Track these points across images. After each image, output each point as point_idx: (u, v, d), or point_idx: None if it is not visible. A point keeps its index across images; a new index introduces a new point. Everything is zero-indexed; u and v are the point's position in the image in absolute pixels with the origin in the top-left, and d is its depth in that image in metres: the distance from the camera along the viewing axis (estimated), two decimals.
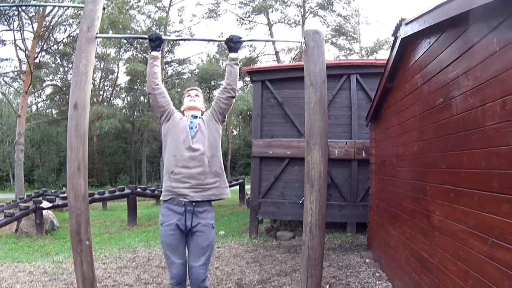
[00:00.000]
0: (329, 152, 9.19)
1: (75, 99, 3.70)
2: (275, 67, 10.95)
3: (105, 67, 40.46)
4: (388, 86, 6.10)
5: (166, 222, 3.78)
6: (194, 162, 3.70)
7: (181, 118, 3.91)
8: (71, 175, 3.84)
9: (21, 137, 23.52)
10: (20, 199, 16.94)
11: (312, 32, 3.72)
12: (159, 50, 3.88)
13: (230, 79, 3.87)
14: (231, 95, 3.90)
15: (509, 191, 2.54)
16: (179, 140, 3.76)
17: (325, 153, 3.61)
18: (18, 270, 6.63)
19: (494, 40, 2.76)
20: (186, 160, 3.69)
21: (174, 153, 3.75)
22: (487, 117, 2.85)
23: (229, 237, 9.93)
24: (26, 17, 24.45)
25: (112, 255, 7.87)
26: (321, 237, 3.57)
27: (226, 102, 3.91)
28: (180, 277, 3.78)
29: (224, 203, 19.59)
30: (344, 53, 35.81)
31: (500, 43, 2.66)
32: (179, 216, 3.72)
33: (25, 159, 27.67)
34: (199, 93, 4.12)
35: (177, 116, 3.92)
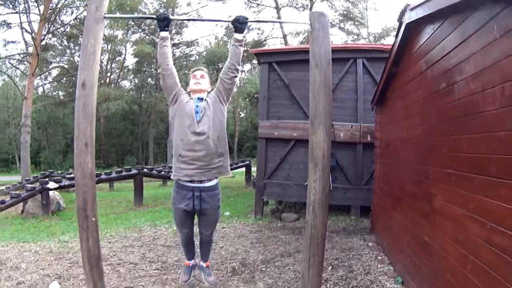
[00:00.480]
0: (335, 135, 9.24)
1: (83, 78, 3.76)
2: (282, 49, 10.95)
3: (113, 49, 40.46)
4: (393, 71, 6.10)
5: (176, 204, 4.29)
6: (200, 145, 3.93)
7: (188, 101, 4.03)
8: (78, 152, 3.92)
9: (28, 119, 23.61)
10: (27, 181, 17.04)
11: (317, 14, 3.75)
12: (168, 30, 3.94)
13: (234, 59, 3.95)
14: (235, 75, 3.99)
15: (506, 176, 2.58)
16: (185, 125, 3.95)
17: (329, 133, 3.65)
18: (23, 250, 6.74)
19: (494, 28, 2.78)
20: (192, 144, 3.93)
21: (181, 137, 3.96)
22: (487, 103, 2.88)
23: (234, 217, 10.02)
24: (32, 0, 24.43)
25: (118, 235, 7.99)
26: (324, 216, 3.63)
27: (230, 82, 4.01)
28: (187, 239, 4.74)
29: (231, 184, 19.77)
30: (352, 38, 35.58)
31: (500, 30, 2.69)
32: (188, 201, 4.18)
33: (31, 141, 27.84)
34: (204, 74, 4.18)
35: (184, 99, 4.04)
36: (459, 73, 3.45)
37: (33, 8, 24.70)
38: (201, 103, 4.02)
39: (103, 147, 39.65)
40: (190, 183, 4.10)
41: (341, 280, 5.23)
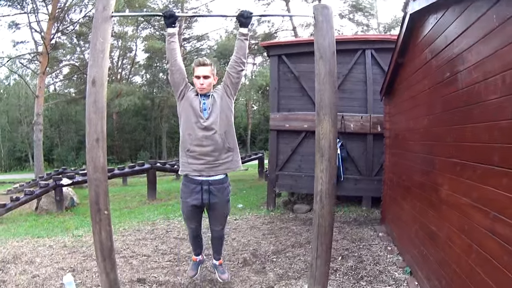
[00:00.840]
0: (345, 126, 9.28)
1: (93, 75, 3.85)
2: (292, 42, 10.95)
3: (123, 45, 40.64)
4: (399, 61, 6.12)
5: (184, 198, 4.27)
6: (208, 141, 3.98)
7: (195, 97, 4.08)
8: (90, 147, 4.02)
9: (40, 117, 23.86)
10: (40, 178, 17.28)
11: (321, 7, 3.80)
12: (174, 26, 4.00)
13: (240, 53, 4.00)
14: (241, 68, 4.04)
15: (508, 165, 2.59)
16: (192, 120, 4.01)
17: (334, 123, 3.71)
18: (38, 245, 6.91)
19: (493, 16, 2.79)
20: (200, 139, 3.98)
21: (189, 131, 4.02)
22: (489, 92, 2.90)
23: (247, 209, 10.15)
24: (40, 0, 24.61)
25: (131, 228, 8.14)
26: (330, 206, 3.69)
27: (237, 76, 4.06)
28: (194, 234, 4.74)
29: (244, 177, 19.90)
30: (362, 29, 35.38)
31: (499, 18, 2.70)
32: (196, 195, 4.19)
33: (44, 139, 28.17)
34: (207, 72, 4.11)
35: (191, 95, 4.10)
36: (461, 62, 3.47)
37: (41, 8, 24.90)
38: (208, 100, 4.08)
39: (116, 143, 39.95)
40: (198, 177, 4.13)
41: (350, 270, 5.30)
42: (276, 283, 4.97)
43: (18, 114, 39.83)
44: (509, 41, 2.57)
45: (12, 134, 40.08)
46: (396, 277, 5.00)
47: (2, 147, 39.51)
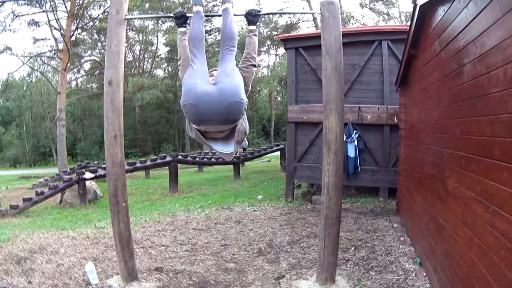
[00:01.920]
0: (362, 117, 9.32)
1: (109, 76, 4.05)
2: (308, 34, 10.97)
3: (144, 39, 40.98)
4: (412, 53, 6.14)
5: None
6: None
7: None
8: (108, 144, 4.23)
9: (62, 113, 24.33)
10: (64, 172, 17.74)
11: (327, 3, 3.88)
12: (185, 26, 4.13)
13: (249, 49, 4.08)
14: (252, 64, 4.10)
15: (508, 159, 2.60)
16: None
17: (341, 117, 3.81)
18: (62, 236, 7.20)
19: (497, 7, 2.77)
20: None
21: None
22: (492, 85, 2.90)
23: (266, 201, 10.28)
24: None
25: (151, 220, 8.36)
26: (337, 198, 3.80)
27: (248, 70, 4.13)
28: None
29: (266, 168, 20.08)
30: (383, 18, 34.93)
31: (502, 9, 2.67)
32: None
33: (67, 134, 28.76)
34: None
35: None
36: (466, 55, 3.48)
37: (59, 5, 25.22)
38: None
39: (139, 136, 40.44)
40: None
41: (361, 261, 5.40)
42: (288, 272, 5.11)
43: (41, 110, 40.77)
44: (510, 33, 2.56)
45: (36, 129, 41.10)
46: (406, 268, 5.08)
47: (27, 143, 40.56)
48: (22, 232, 7.52)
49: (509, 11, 2.55)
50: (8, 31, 25.60)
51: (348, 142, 9.19)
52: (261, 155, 21.01)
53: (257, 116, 46.34)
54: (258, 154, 20.38)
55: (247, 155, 18.96)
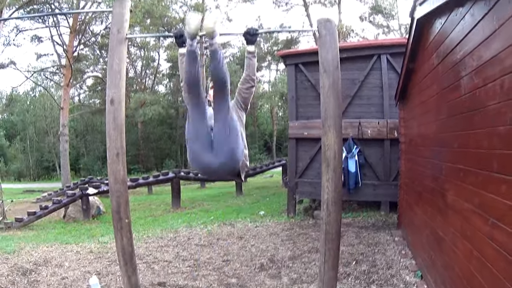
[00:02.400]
0: (362, 132, 9.37)
1: (111, 95, 4.11)
2: (307, 51, 11.09)
3: (146, 55, 41.23)
4: (410, 67, 6.22)
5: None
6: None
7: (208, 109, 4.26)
8: (111, 161, 4.27)
9: (65, 128, 24.30)
10: (67, 187, 17.76)
11: (324, 20, 3.93)
12: (185, 46, 4.21)
13: (249, 70, 4.15)
14: (251, 85, 4.19)
15: (506, 171, 2.61)
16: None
17: (339, 134, 3.84)
18: (66, 250, 7.26)
19: (493, 18, 2.79)
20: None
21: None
22: (489, 97, 2.92)
23: (268, 216, 10.31)
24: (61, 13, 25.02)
25: (154, 235, 8.39)
26: (337, 213, 3.82)
27: (247, 91, 4.21)
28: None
29: (268, 184, 20.07)
30: (383, 31, 35.13)
31: (499, 20, 2.69)
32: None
33: (70, 149, 28.69)
34: None
35: None
36: (464, 67, 3.53)
37: (62, 21, 25.28)
38: None
39: (142, 152, 40.42)
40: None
41: (362, 274, 5.41)
42: (289, 287, 5.13)
43: (44, 125, 40.82)
44: (507, 44, 2.57)
45: (39, 144, 41.12)
46: (407, 281, 5.09)
47: (31, 157, 40.58)
48: (27, 245, 7.61)
49: (506, 22, 2.57)
50: (12, 45, 25.74)
51: (349, 157, 9.23)
52: (263, 171, 21.02)
53: (258, 132, 46.38)
54: (260, 170, 20.41)
55: (249, 171, 18.96)
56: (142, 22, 27.18)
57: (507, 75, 2.58)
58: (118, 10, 4.08)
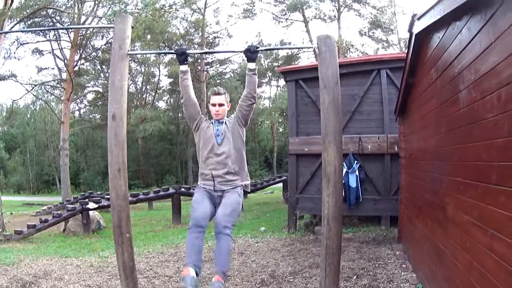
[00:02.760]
0: (363, 148, 9.41)
1: (113, 111, 4.16)
2: (307, 66, 11.17)
3: (146, 71, 41.42)
4: (410, 81, 6.27)
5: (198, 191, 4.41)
6: (220, 165, 4.26)
7: (208, 126, 4.36)
8: (112, 177, 4.31)
9: (66, 142, 24.37)
10: (67, 201, 17.73)
11: (323, 37, 4.00)
12: (186, 63, 4.28)
13: (250, 88, 4.22)
14: (252, 102, 4.27)
15: (505, 183, 2.63)
16: (208, 149, 4.28)
17: (339, 150, 3.88)
18: (66, 264, 7.27)
19: (489, 31, 2.84)
20: (214, 165, 4.26)
21: (204, 159, 4.26)
22: (487, 110, 2.95)
23: (268, 232, 10.31)
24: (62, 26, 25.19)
25: (155, 251, 8.38)
26: (337, 228, 3.84)
27: (248, 108, 4.29)
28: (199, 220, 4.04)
29: (268, 200, 20.05)
30: (382, 45, 35.32)
31: (495, 33, 2.73)
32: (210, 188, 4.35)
33: (70, 163, 28.70)
34: (222, 101, 4.39)
35: (205, 125, 4.39)
36: (462, 81, 3.57)
37: (63, 35, 25.49)
38: (221, 126, 4.32)
39: (142, 168, 40.39)
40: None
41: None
42: None
43: (44, 139, 40.89)
44: (503, 57, 2.60)
45: (39, 157, 41.17)
46: None
47: (31, 170, 40.62)
48: (27, 257, 7.63)
49: (502, 35, 2.61)
50: (13, 58, 25.86)
51: (349, 172, 9.26)
52: (264, 187, 21.05)
53: (259, 148, 46.42)
54: (261, 186, 20.43)
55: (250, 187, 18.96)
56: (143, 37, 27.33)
57: (504, 87, 2.62)
58: (120, 26, 4.14)
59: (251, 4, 35.84)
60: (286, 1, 35.01)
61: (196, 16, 33.71)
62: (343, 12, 34.70)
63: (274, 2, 35.93)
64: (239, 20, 42.16)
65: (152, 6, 21.17)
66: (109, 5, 23.42)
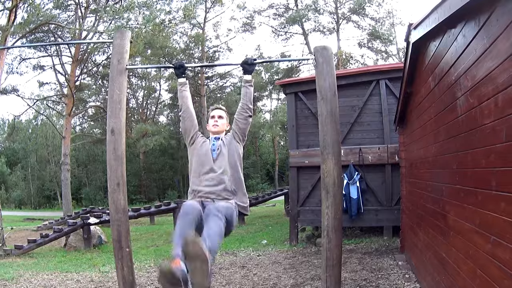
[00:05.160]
0: (363, 158, 9.39)
1: (112, 125, 4.16)
2: (307, 79, 11.18)
3: (147, 85, 41.53)
4: (408, 91, 6.28)
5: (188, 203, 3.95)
6: (214, 181, 4.07)
7: (204, 142, 4.28)
8: (111, 191, 4.29)
9: (67, 157, 24.34)
10: (68, 216, 17.68)
11: (320, 48, 4.01)
12: (185, 76, 4.28)
13: (245, 99, 4.19)
14: (248, 115, 4.22)
15: (505, 189, 2.62)
16: (202, 164, 4.15)
17: (338, 161, 3.86)
18: (66, 279, 7.22)
19: (484, 37, 2.86)
20: (208, 180, 4.09)
21: (198, 174, 4.14)
22: (484, 116, 2.95)
23: (270, 245, 10.25)
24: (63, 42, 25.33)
25: (156, 265, 8.30)
26: (337, 240, 3.81)
27: (244, 121, 4.23)
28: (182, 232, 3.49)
29: (270, 213, 19.98)
30: (381, 56, 35.43)
31: (489, 38, 2.75)
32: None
33: (72, 178, 28.69)
34: (222, 114, 4.38)
35: (200, 141, 4.29)
36: (459, 88, 3.57)
37: (64, 50, 25.69)
38: (217, 142, 4.25)
39: (144, 182, 40.32)
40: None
41: None
42: None
43: (46, 154, 40.90)
44: (498, 62, 2.61)
45: (41, 172, 41.13)
46: None
47: (32, 185, 40.59)
48: (26, 272, 7.60)
49: (496, 40, 2.62)
50: (15, 73, 26.03)
51: (350, 183, 9.23)
52: (265, 200, 20.96)
53: (261, 161, 46.37)
54: (263, 199, 20.36)
55: (252, 200, 19.00)
56: (143, 52, 27.47)
57: (500, 92, 2.62)
58: (119, 41, 4.17)
59: (251, 18, 36.05)
60: (285, 15, 35.23)
61: (196, 31, 33.91)
62: (342, 24, 34.89)
63: (273, 16, 36.18)
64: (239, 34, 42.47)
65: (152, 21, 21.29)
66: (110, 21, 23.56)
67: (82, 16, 23.84)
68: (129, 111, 39.60)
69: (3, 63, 15.12)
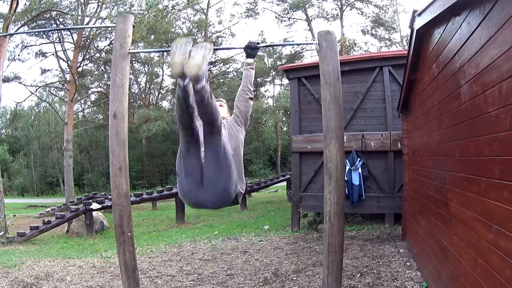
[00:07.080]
0: (366, 145, 9.36)
1: (114, 109, 4.13)
2: (310, 64, 11.12)
3: (150, 71, 41.40)
4: (411, 78, 6.23)
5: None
6: None
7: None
8: (113, 175, 4.27)
9: (69, 143, 24.39)
10: (71, 202, 17.79)
11: (324, 33, 3.95)
12: None
13: (246, 81, 4.14)
14: (249, 97, 4.15)
15: (508, 177, 2.60)
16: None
17: (341, 146, 3.84)
18: (68, 265, 7.28)
19: (488, 25, 2.82)
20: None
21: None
22: (488, 104, 2.92)
23: (272, 231, 10.29)
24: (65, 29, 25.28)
25: (158, 250, 8.38)
26: (340, 225, 3.80)
27: (245, 103, 4.16)
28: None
29: (272, 199, 20.04)
30: (385, 43, 35.27)
31: (494, 26, 2.71)
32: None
33: (74, 164, 28.71)
34: (223, 103, 4.34)
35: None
36: (463, 75, 3.54)
37: (66, 37, 25.67)
38: None
39: (146, 168, 40.38)
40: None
41: (367, 287, 5.36)
42: None
43: (48, 140, 40.95)
44: (503, 51, 2.58)
45: (43, 159, 41.21)
46: None
47: (34, 172, 40.67)
48: (29, 259, 7.64)
49: (501, 28, 2.58)
50: (17, 60, 25.95)
51: (352, 170, 9.22)
52: (268, 185, 20.99)
53: (263, 147, 46.32)
54: (265, 184, 20.40)
55: (254, 185, 19.06)
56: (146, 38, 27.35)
57: (505, 81, 2.59)
58: (121, 25, 4.12)
59: (254, 3, 35.86)
60: (288, 0, 34.99)
61: (199, 16, 33.72)
62: (346, 10, 34.70)
63: (276, 1, 35.97)
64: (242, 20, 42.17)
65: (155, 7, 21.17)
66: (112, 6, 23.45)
67: (84, 2, 23.71)
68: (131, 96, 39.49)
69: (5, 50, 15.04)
